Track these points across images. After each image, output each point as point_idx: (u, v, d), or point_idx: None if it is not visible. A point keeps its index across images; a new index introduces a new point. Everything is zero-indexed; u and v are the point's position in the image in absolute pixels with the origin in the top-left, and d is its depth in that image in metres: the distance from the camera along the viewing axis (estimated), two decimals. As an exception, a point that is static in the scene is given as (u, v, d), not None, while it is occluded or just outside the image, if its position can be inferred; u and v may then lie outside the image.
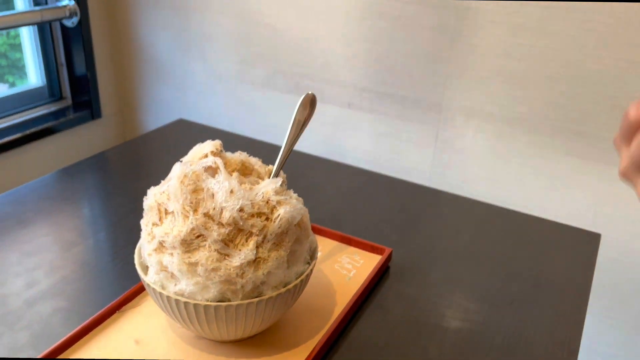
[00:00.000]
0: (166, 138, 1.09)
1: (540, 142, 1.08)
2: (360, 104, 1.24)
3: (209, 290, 0.48)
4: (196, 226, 0.47)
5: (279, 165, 0.55)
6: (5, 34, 1.36)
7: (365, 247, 0.72)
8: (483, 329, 0.61)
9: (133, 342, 0.55)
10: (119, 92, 1.57)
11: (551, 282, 0.70)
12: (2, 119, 1.30)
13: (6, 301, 0.62)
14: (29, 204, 0.82)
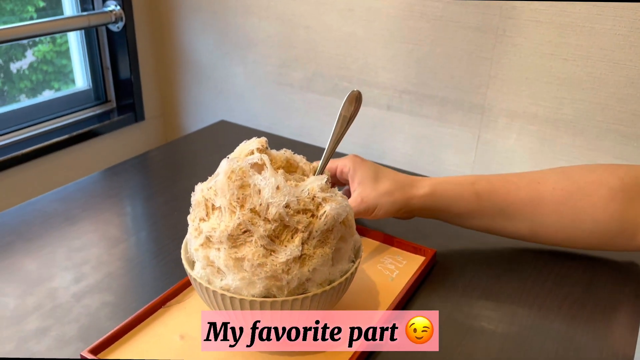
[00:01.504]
0: (208, 138, 1.10)
1: (587, 145, 1.04)
2: (399, 106, 1.23)
3: (255, 285, 0.48)
4: (243, 221, 0.48)
5: (324, 162, 0.55)
6: (52, 41, 1.41)
7: (408, 247, 0.71)
8: (532, 334, 0.59)
9: (178, 337, 0.56)
10: (162, 95, 1.60)
11: (603, 286, 0.67)
12: (50, 120, 1.34)
13: (55, 295, 0.63)
14: (76, 201, 0.84)
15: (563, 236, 0.61)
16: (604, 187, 0.56)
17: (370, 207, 0.62)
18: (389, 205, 0.63)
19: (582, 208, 0.57)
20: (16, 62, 1.35)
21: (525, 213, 0.59)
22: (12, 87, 1.34)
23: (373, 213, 0.63)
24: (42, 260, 0.69)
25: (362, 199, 0.62)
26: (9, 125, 1.26)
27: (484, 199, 0.60)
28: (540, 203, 0.58)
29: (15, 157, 1.21)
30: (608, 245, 0.61)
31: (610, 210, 0.56)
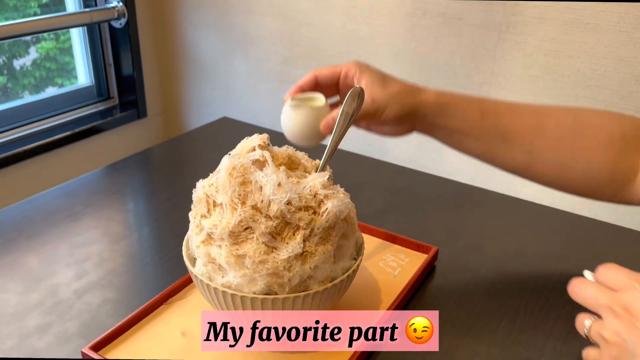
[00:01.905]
0: (210, 135, 1.10)
1: (591, 142, 1.04)
2: (402, 103, 1.22)
3: (256, 282, 0.48)
4: (244, 218, 0.47)
5: (325, 158, 0.54)
6: (55, 38, 1.41)
7: (410, 245, 0.70)
8: (535, 333, 0.59)
9: (179, 334, 0.56)
10: (164, 92, 1.60)
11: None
12: (53, 117, 1.35)
13: (57, 291, 0.63)
14: (79, 197, 0.84)
15: (554, 174, 0.60)
16: (604, 132, 0.56)
17: (380, 107, 0.59)
18: (398, 108, 0.60)
19: (580, 149, 0.56)
20: (19, 59, 1.35)
21: (524, 142, 0.58)
22: (16, 83, 1.34)
23: (383, 115, 0.60)
24: (44, 257, 0.69)
25: (373, 99, 0.59)
26: (11, 122, 1.27)
27: (487, 118, 0.59)
28: (542, 135, 0.57)
29: (18, 154, 1.21)
30: (595, 193, 0.61)
31: (606, 157, 0.56)
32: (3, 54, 1.29)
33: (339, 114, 0.55)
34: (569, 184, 0.60)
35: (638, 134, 0.56)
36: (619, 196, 0.59)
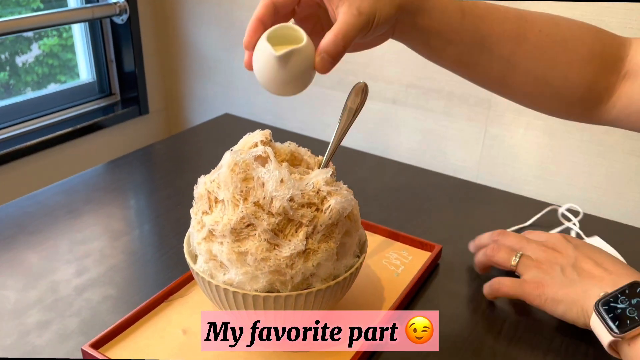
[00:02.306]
0: (212, 132, 1.09)
1: (595, 140, 1.03)
2: (405, 100, 1.22)
3: (258, 280, 0.47)
4: (246, 215, 0.47)
5: (329, 155, 0.54)
6: (58, 34, 1.40)
7: (413, 243, 0.70)
8: (540, 332, 0.58)
9: (180, 332, 0.55)
10: (166, 88, 1.59)
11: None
12: (54, 113, 1.34)
13: (57, 288, 0.63)
14: (79, 194, 0.84)
15: (529, 89, 0.56)
16: (586, 47, 0.54)
17: (370, 16, 0.48)
18: (388, 8, 0.49)
19: (559, 62, 0.54)
20: (22, 55, 1.35)
21: (504, 49, 0.54)
22: (18, 80, 1.33)
23: (373, 24, 0.49)
24: (44, 254, 0.69)
25: (359, 10, 0.47)
26: (13, 118, 1.26)
27: (467, 21, 0.53)
28: (522, 42, 0.54)
29: (19, 150, 1.20)
30: (567, 112, 0.58)
31: (584, 74, 0.54)
32: (5, 50, 1.29)
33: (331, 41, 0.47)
34: (542, 100, 0.57)
35: (618, 54, 0.55)
36: (587, 116, 0.57)
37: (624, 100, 0.54)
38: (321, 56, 0.47)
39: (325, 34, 0.46)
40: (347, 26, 0.46)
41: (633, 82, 0.54)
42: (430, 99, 1.18)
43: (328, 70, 0.48)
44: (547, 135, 1.07)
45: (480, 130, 1.15)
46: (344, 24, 0.46)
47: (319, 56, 0.47)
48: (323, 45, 0.46)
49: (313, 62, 0.47)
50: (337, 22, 0.46)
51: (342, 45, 0.46)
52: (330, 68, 0.48)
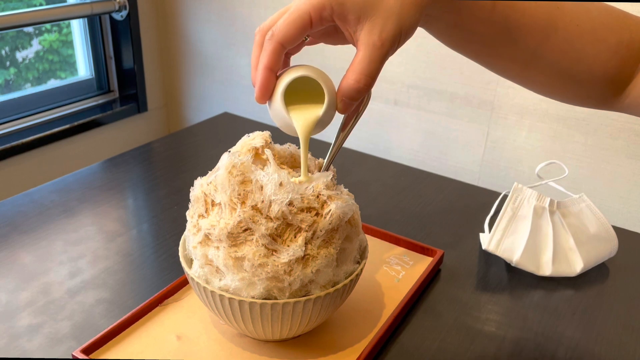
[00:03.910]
0: (211, 131, 1.08)
1: (599, 144, 1.02)
2: (407, 101, 1.20)
3: (255, 286, 0.46)
4: (243, 219, 0.45)
5: (330, 158, 0.52)
6: (57, 30, 1.38)
7: (415, 248, 0.68)
8: (543, 340, 0.57)
9: (174, 338, 0.54)
10: (165, 85, 1.58)
11: (616, 291, 0.65)
12: (51, 110, 1.32)
13: (49, 290, 0.61)
14: (75, 192, 0.82)
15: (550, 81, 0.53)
16: (614, 37, 0.50)
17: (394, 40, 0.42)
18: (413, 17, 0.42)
19: (586, 55, 0.50)
20: (22, 50, 1.33)
21: (531, 41, 0.50)
22: (18, 76, 1.32)
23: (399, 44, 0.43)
24: (37, 254, 0.67)
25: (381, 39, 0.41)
26: (9, 114, 1.24)
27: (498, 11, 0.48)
28: (551, 34, 0.50)
29: (15, 147, 1.19)
30: (585, 101, 0.55)
31: (608, 66, 0.50)
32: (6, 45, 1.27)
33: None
34: (561, 91, 0.54)
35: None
36: (603, 104, 0.54)
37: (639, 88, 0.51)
38: (344, 102, 0.43)
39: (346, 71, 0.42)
40: (370, 63, 0.41)
41: None
42: (433, 100, 1.17)
43: (351, 110, 0.45)
44: (550, 139, 1.06)
45: (483, 132, 1.13)
46: (365, 60, 0.41)
47: (342, 102, 0.43)
48: (344, 90, 0.42)
49: (333, 109, 0.44)
50: (357, 57, 0.41)
51: (365, 87, 0.42)
52: (351, 109, 0.45)
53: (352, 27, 0.41)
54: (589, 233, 0.67)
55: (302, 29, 0.42)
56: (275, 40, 0.42)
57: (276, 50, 0.42)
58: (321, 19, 0.41)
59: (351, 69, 0.41)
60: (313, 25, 0.42)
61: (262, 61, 0.43)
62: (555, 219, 0.67)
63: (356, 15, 0.41)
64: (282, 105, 0.43)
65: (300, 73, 0.43)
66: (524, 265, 0.66)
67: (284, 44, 0.42)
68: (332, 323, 0.56)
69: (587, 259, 0.66)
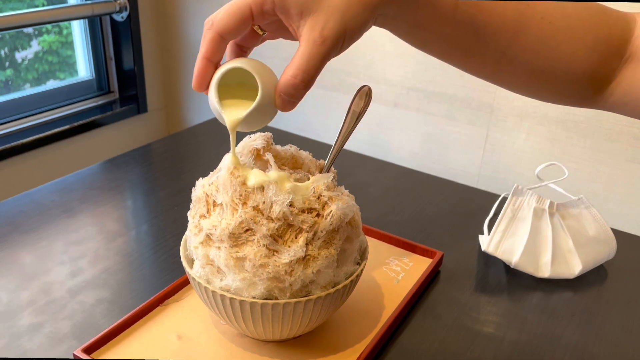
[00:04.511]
0: (212, 132, 1.08)
1: (598, 146, 1.02)
2: (407, 103, 1.21)
3: (256, 287, 0.46)
4: (245, 220, 0.45)
5: (331, 159, 0.52)
6: (58, 31, 1.39)
7: (414, 249, 0.69)
8: (542, 342, 0.57)
9: (175, 337, 0.54)
10: (165, 87, 1.58)
11: (614, 293, 0.65)
12: (51, 110, 1.32)
13: (50, 289, 0.61)
14: (75, 193, 0.82)
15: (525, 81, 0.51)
16: (591, 34, 0.48)
17: (337, 38, 0.40)
18: (360, 16, 0.41)
19: (561, 53, 0.48)
20: (21, 51, 1.33)
21: (500, 41, 0.47)
22: (17, 76, 1.32)
23: (343, 44, 0.42)
24: (38, 254, 0.67)
25: (322, 36, 0.40)
26: (9, 115, 1.25)
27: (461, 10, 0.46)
28: (522, 33, 0.47)
29: (15, 147, 1.19)
30: (564, 100, 0.53)
31: (586, 64, 0.48)
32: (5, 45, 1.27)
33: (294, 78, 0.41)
34: (538, 90, 0.52)
35: (624, 36, 0.49)
36: (584, 103, 0.52)
37: (624, 86, 0.49)
38: (281, 98, 0.42)
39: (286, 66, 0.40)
40: (309, 60, 0.40)
41: (635, 66, 0.48)
42: (432, 102, 1.17)
43: (292, 108, 0.43)
44: (549, 141, 1.06)
45: (482, 135, 1.14)
46: (304, 56, 0.40)
47: (279, 98, 0.42)
48: (282, 87, 0.41)
49: (273, 105, 0.43)
50: (297, 53, 0.40)
51: (303, 85, 0.41)
52: (294, 106, 0.43)
53: (295, 22, 0.40)
54: (588, 235, 0.67)
55: (241, 21, 0.41)
56: (214, 30, 0.42)
57: (214, 39, 0.42)
58: (262, 13, 0.41)
59: (290, 64, 0.40)
60: (255, 18, 0.41)
61: (201, 50, 0.43)
62: (555, 220, 0.67)
63: (298, 10, 0.40)
64: (214, 95, 0.43)
65: (235, 65, 0.42)
66: (523, 266, 0.66)
67: (222, 35, 0.42)
68: (332, 323, 0.57)
69: (586, 261, 0.66)
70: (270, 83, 0.42)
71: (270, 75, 0.43)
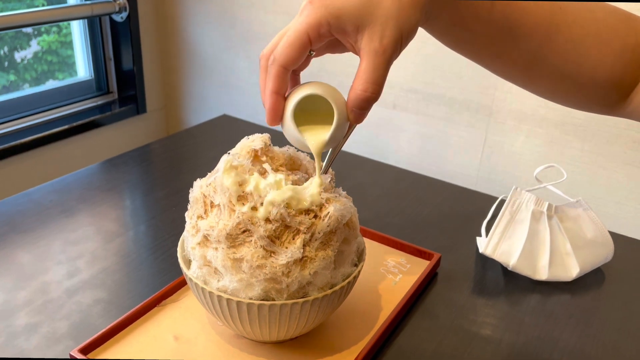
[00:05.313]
0: (210, 133, 1.08)
1: (597, 150, 1.02)
2: (405, 105, 1.21)
3: (253, 288, 0.46)
4: (242, 221, 0.45)
5: (329, 161, 0.52)
6: (57, 31, 1.39)
7: (412, 251, 0.69)
8: (539, 344, 0.57)
9: (172, 338, 0.54)
10: (164, 87, 1.58)
11: (611, 296, 0.65)
12: (51, 110, 1.32)
13: (47, 289, 0.61)
14: (73, 193, 0.82)
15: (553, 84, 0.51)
16: (619, 40, 0.48)
17: (396, 45, 0.42)
18: (413, 18, 0.42)
19: (590, 58, 0.48)
20: (21, 51, 1.33)
21: (532, 42, 0.48)
22: (17, 76, 1.32)
23: (401, 47, 0.44)
24: (36, 253, 0.67)
25: (382, 45, 0.41)
26: (8, 114, 1.25)
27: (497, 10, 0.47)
28: (554, 35, 0.48)
29: (14, 147, 1.19)
30: (588, 107, 0.53)
31: (612, 71, 0.48)
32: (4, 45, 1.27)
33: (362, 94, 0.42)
34: (564, 95, 0.52)
35: None
36: (606, 111, 0.53)
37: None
38: (355, 113, 0.44)
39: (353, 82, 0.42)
40: (375, 70, 0.41)
41: None
42: (431, 105, 1.17)
43: (364, 119, 0.45)
44: (548, 144, 1.07)
45: (481, 137, 1.14)
46: (369, 68, 0.41)
47: (352, 113, 0.44)
48: (354, 102, 0.42)
49: (346, 120, 0.44)
50: (361, 66, 0.42)
51: (373, 95, 0.42)
52: (365, 117, 0.45)
53: (352, 38, 0.42)
54: (586, 238, 0.67)
55: (301, 50, 0.42)
56: (278, 64, 0.43)
57: (279, 73, 0.43)
58: (319, 36, 0.42)
59: (357, 78, 0.42)
60: (313, 43, 0.42)
61: (269, 86, 0.44)
62: (553, 223, 0.67)
63: (354, 26, 0.41)
64: (293, 125, 0.44)
65: (306, 92, 0.44)
66: (521, 269, 0.66)
67: (286, 67, 0.43)
68: (329, 325, 0.57)
69: (583, 263, 0.66)
70: (340, 101, 0.44)
71: (337, 93, 0.45)
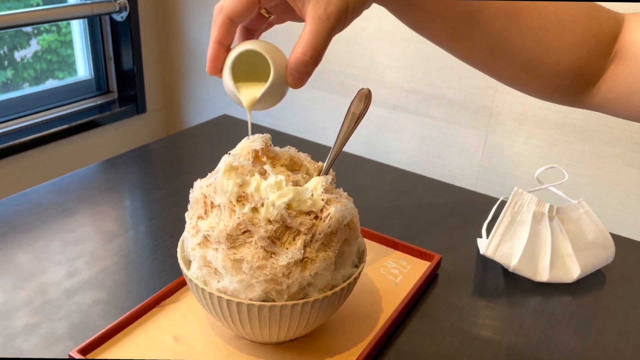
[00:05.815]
0: (210, 133, 1.08)
1: (597, 151, 1.02)
2: (406, 105, 1.20)
3: (253, 289, 0.46)
4: (243, 221, 0.45)
5: (329, 161, 0.52)
6: (56, 30, 1.38)
7: (413, 252, 0.68)
8: (540, 346, 0.57)
9: (171, 339, 0.54)
10: (164, 87, 1.58)
11: (612, 298, 0.65)
12: (50, 110, 1.32)
13: (46, 290, 0.61)
14: (73, 193, 0.82)
15: (516, 70, 0.51)
16: (580, 28, 0.48)
17: (340, 14, 0.43)
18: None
19: (551, 45, 0.48)
20: (21, 50, 1.33)
21: (494, 26, 0.48)
22: (16, 75, 1.32)
23: (346, 19, 0.44)
24: (35, 254, 0.67)
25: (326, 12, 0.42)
26: (8, 114, 1.24)
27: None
28: (515, 20, 0.48)
29: (13, 147, 1.18)
30: (551, 96, 0.53)
31: (575, 58, 0.48)
32: (4, 44, 1.27)
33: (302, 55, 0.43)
34: (527, 82, 0.52)
35: (613, 33, 0.49)
36: (571, 100, 0.52)
37: (608, 83, 0.49)
38: (292, 75, 0.44)
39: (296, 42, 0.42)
40: (316, 36, 0.42)
41: (618, 64, 0.49)
42: (431, 105, 1.17)
43: (303, 84, 0.45)
44: (548, 145, 1.06)
45: (481, 138, 1.14)
46: (311, 33, 0.42)
47: (290, 75, 0.44)
48: (292, 64, 0.43)
49: (285, 83, 0.44)
50: (304, 31, 0.42)
51: (312, 61, 0.43)
52: (304, 82, 0.45)
53: (300, 2, 0.42)
54: (587, 239, 0.67)
55: (249, 4, 0.43)
56: (223, 14, 0.43)
57: (223, 23, 0.44)
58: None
59: (298, 42, 0.43)
60: (262, 1, 0.43)
61: (212, 35, 0.44)
62: (554, 224, 0.67)
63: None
64: (229, 77, 0.45)
65: (246, 47, 0.44)
66: (522, 270, 0.66)
67: (232, 18, 0.43)
68: (329, 326, 0.56)
69: (584, 265, 0.66)
70: (281, 62, 0.44)
71: (280, 55, 0.45)
